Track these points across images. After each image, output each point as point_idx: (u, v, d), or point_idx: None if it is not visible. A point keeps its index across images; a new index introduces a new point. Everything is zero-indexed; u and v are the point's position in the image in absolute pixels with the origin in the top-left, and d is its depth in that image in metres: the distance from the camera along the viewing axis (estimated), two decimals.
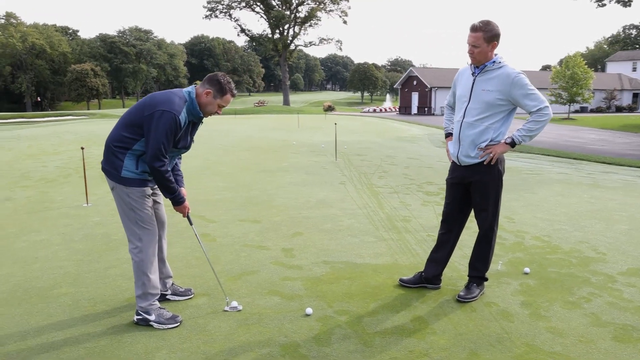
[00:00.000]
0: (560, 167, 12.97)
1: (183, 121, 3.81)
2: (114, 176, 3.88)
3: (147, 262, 3.99)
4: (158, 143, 3.71)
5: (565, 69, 43.82)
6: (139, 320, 3.99)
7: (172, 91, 3.90)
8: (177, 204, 4.11)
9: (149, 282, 3.99)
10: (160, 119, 3.69)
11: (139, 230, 3.97)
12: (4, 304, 4.39)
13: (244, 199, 8.67)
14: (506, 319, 4.02)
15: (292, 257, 5.59)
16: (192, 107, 3.88)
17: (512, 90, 4.03)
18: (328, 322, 3.99)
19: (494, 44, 4.01)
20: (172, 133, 3.75)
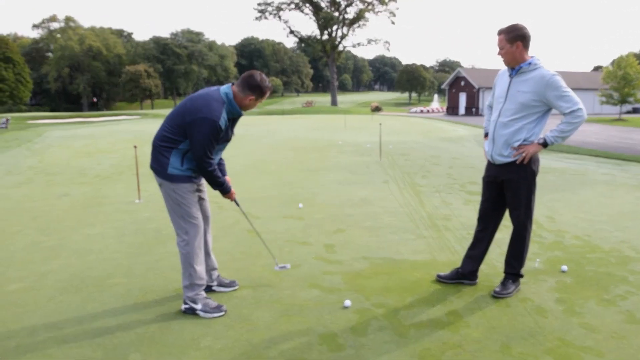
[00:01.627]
0: (606, 167, 12.76)
1: (223, 124, 4.02)
2: (161, 173, 4.17)
3: (193, 255, 4.20)
4: (203, 148, 3.96)
5: (617, 69, 42.62)
6: (186, 310, 4.21)
7: (209, 94, 4.05)
8: (225, 192, 4.51)
9: (195, 274, 4.19)
10: (202, 126, 3.91)
11: (185, 224, 4.20)
12: (63, 292, 4.71)
13: (288, 196, 8.90)
14: (540, 315, 4.10)
15: (333, 252, 5.76)
16: (231, 108, 4.07)
17: (546, 91, 4.11)
18: (365, 314, 4.16)
19: (518, 44, 4.11)
20: (215, 137, 3.99)
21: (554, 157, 15.52)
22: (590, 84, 61.58)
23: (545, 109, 4.26)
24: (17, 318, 4.15)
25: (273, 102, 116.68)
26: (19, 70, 71.70)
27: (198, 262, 4.24)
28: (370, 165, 12.73)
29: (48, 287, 4.83)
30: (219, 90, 4.08)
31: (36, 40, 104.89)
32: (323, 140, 19.66)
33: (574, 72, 67.88)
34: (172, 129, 4.09)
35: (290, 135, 22.48)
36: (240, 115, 4.22)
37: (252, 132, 24.94)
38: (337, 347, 3.63)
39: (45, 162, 14.21)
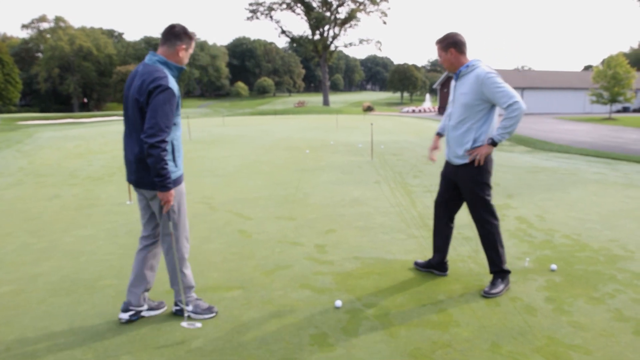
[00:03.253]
0: (597, 167, 12.83)
1: (176, 90, 3.75)
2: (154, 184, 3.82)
3: (182, 260, 4.10)
4: (160, 117, 3.61)
5: (607, 69, 42.86)
6: (177, 311, 4.19)
7: (145, 71, 3.73)
8: (165, 188, 3.72)
9: (185, 278, 4.13)
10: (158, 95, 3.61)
11: (179, 231, 4.07)
12: (53, 294, 4.70)
13: (280, 197, 8.91)
14: (529, 313, 4.14)
15: (325, 253, 5.78)
16: (170, 69, 3.82)
17: (482, 89, 4.27)
18: (356, 314, 4.18)
19: (452, 50, 4.41)
20: (172, 104, 3.69)
21: (545, 157, 15.60)
22: (581, 83, 61.91)
23: (488, 107, 4.40)
24: (7, 321, 4.14)
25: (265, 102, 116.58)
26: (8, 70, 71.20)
27: (186, 266, 4.14)
28: (362, 165, 12.76)
29: (39, 289, 4.82)
30: (145, 64, 3.81)
31: (26, 41, 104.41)
32: (316, 140, 19.67)
33: (564, 72, 68.23)
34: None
35: (284, 136, 22.48)
36: (181, 70, 3.91)
37: (244, 132, 24.92)
38: (328, 347, 3.65)
39: (35, 164, 14.15)
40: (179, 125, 3.91)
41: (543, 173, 11.39)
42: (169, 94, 3.65)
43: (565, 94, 62.61)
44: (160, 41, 3.92)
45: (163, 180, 3.67)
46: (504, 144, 21.25)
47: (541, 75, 65.88)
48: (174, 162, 3.88)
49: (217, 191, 9.57)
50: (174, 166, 3.88)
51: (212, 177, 11.24)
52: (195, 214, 7.68)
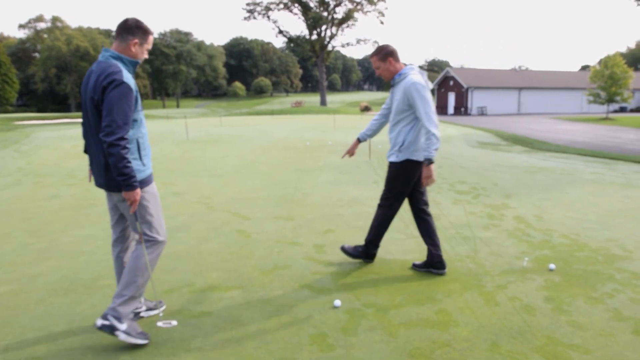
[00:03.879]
0: (594, 167, 12.87)
1: (133, 84, 3.58)
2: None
3: (147, 267, 3.81)
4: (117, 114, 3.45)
5: (604, 69, 42.99)
6: (104, 327, 3.62)
7: (98, 69, 3.56)
8: (130, 187, 3.55)
9: (140, 290, 3.80)
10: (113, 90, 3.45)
11: (151, 232, 3.85)
12: (52, 294, 4.70)
13: (278, 197, 8.91)
14: (528, 313, 4.14)
15: (324, 252, 5.78)
16: (125, 64, 3.64)
17: (408, 97, 4.65)
18: (355, 314, 4.18)
19: (390, 60, 4.77)
20: (130, 100, 3.52)
21: (543, 157, 15.64)
22: (578, 83, 62.10)
23: (415, 114, 4.76)
24: (6, 320, 4.14)
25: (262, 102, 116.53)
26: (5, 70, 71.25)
27: (152, 270, 3.87)
28: (361, 165, 12.76)
29: (38, 289, 4.81)
30: (99, 61, 3.64)
31: (22, 41, 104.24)
32: (314, 141, 19.66)
33: (561, 72, 68.37)
34: None
35: (282, 136, 22.48)
36: (135, 64, 3.72)
37: (242, 132, 24.90)
38: (327, 347, 3.65)
39: (34, 164, 14.13)
40: (142, 122, 3.76)
41: (541, 173, 11.41)
42: (124, 89, 3.48)
43: (563, 94, 62.76)
44: (115, 36, 3.74)
45: (127, 179, 3.50)
46: (502, 144, 21.29)
47: (538, 75, 66.04)
48: (140, 160, 3.73)
49: (215, 191, 9.56)
50: (141, 165, 3.73)
51: (210, 177, 11.23)
52: (194, 214, 7.68)
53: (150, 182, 3.84)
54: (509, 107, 60.95)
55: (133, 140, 3.67)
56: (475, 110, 59.22)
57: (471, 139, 22.85)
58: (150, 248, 3.85)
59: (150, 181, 3.86)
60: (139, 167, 3.70)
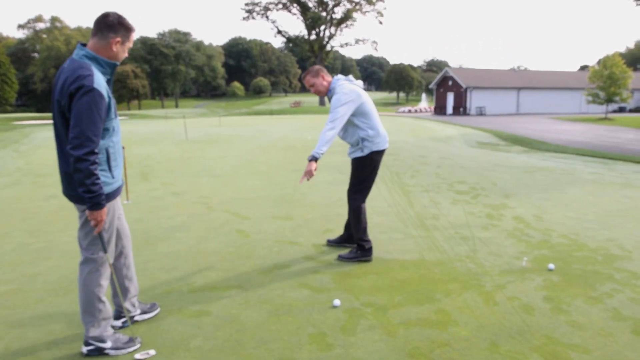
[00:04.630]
0: (593, 167, 12.88)
1: (104, 90, 3.24)
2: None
3: (104, 286, 3.59)
4: (85, 124, 3.12)
5: (603, 69, 43.00)
6: (90, 352, 3.54)
7: (68, 68, 3.23)
8: (97, 206, 3.27)
9: (105, 308, 3.59)
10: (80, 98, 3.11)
11: (102, 253, 3.54)
12: (52, 293, 4.70)
13: (278, 196, 8.91)
14: (527, 313, 4.14)
15: (323, 252, 5.78)
16: (99, 65, 3.31)
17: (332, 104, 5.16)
18: (354, 314, 4.18)
19: (321, 74, 5.22)
20: (99, 108, 3.17)
21: (542, 157, 15.66)
22: (577, 83, 62.10)
23: (350, 117, 5.26)
24: (5, 320, 4.14)
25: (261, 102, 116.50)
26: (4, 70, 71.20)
27: (104, 293, 3.61)
28: None
29: (37, 289, 4.82)
30: (72, 59, 3.29)
31: (22, 41, 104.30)
32: (313, 141, 19.65)
33: (560, 72, 68.40)
34: None
35: (280, 136, 22.48)
36: (114, 66, 3.39)
37: (241, 132, 24.91)
38: (326, 347, 3.65)
39: (32, 164, 14.12)
40: (115, 131, 3.46)
41: (540, 173, 11.42)
42: (94, 96, 3.12)
43: (561, 94, 62.79)
44: (92, 32, 3.34)
45: (94, 197, 3.20)
46: (501, 144, 21.30)
47: (537, 75, 66.07)
48: (109, 172, 3.44)
49: (214, 191, 9.56)
50: (109, 177, 3.44)
51: (209, 177, 11.23)
52: (193, 214, 7.68)
53: (115, 197, 3.56)
54: (508, 107, 60.98)
55: (102, 150, 3.36)
56: (474, 110, 59.24)
57: (470, 139, 22.87)
58: (94, 269, 3.52)
59: (117, 195, 3.58)
60: (107, 180, 3.41)
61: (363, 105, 5.21)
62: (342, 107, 5.06)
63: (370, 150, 5.29)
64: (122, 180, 3.68)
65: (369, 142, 5.26)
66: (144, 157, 15.21)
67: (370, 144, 5.28)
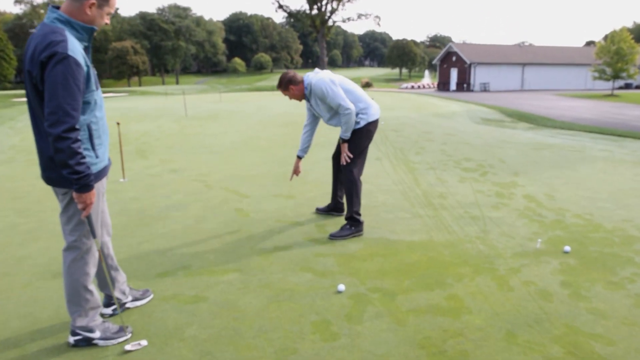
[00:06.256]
0: (603, 144, 12.55)
1: (81, 57, 2.86)
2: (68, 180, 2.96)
3: (91, 275, 3.30)
4: (61, 97, 2.75)
5: (610, 44, 42.30)
6: (78, 341, 3.29)
7: (39, 34, 2.84)
8: (85, 188, 2.93)
9: (92, 297, 3.32)
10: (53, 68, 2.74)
11: (86, 237, 3.21)
12: (40, 277, 4.44)
13: (278, 174, 8.63)
14: (545, 299, 3.88)
15: (325, 232, 5.51)
16: (74, 30, 2.91)
17: (322, 99, 5.19)
18: (360, 300, 3.92)
19: (291, 87, 5.23)
20: (75, 78, 2.79)
21: (549, 133, 15.35)
22: (582, 59, 61.40)
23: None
24: None
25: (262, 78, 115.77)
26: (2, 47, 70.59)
27: (91, 281, 3.33)
28: None
29: (24, 272, 4.56)
30: (43, 24, 2.90)
31: (19, 16, 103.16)
32: None
33: (565, 47, 67.56)
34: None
35: (281, 111, 22.12)
36: (91, 32, 2.99)
37: (242, 108, 24.55)
38: (331, 336, 3.39)
39: (27, 141, 13.80)
40: (97, 105, 3.09)
41: (548, 150, 11.09)
42: (70, 64, 2.74)
43: (567, 70, 62.10)
44: None
45: (81, 178, 2.86)
46: (506, 120, 20.96)
47: (542, 51, 65.26)
48: (93, 151, 3.08)
49: (213, 168, 9.28)
50: (93, 157, 3.08)
51: (208, 154, 10.94)
52: (191, 192, 7.41)
53: (101, 178, 3.22)
54: (512, 83, 60.32)
55: (83, 126, 2.99)
56: (478, 86, 58.62)
57: (475, 115, 22.49)
58: (79, 256, 3.22)
59: (102, 176, 3.23)
60: (90, 160, 3.06)
61: (342, 83, 5.27)
62: (334, 90, 5.11)
63: (367, 122, 5.33)
64: (108, 160, 3.34)
65: (363, 114, 5.31)
66: (142, 134, 14.90)
67: (365, 115, 5.32)
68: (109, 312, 3.74)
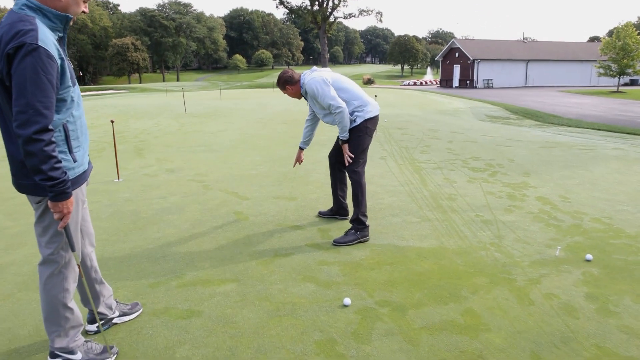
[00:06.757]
0: (614, 142, 12.19)
1: (53, 48, 2.49)
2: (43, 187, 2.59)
3: (70, 291, 2.98)
4: (30, 94, 2.40)
5: (615, 40, 41.84)
6: None
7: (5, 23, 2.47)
8: (61, 196, 2.60)
9: (73, 315, 2.99)
10: (21, 61, 2.39)
11: (64, 250, 2.88)
12: (22, 287, 4.13)
13: (279, 174, 8.30)
14: (570, 315, 3.54)
15: (329, 238, 5.19)
16: (45, 18, 2.55)
17: (314, 98, 5.07)
18: (368, 315, 3.59)
19: (287, 87, 5.18)
20: (46, 71, 2.43)
21: (557, 131, 15.00)
22: (586, 55, 61.01)
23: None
24: None
25: (263, 75, 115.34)
26: None
27: (71, 298, 3.00)
28: None
29: (6, 281, 4.24)
30: (11, 11, 2.54)
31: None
32: None
33: (569, 43, 67.05)
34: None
35: (282, 109, 21.79)
36: (66, 20, 2.63)
37: (242, 106, 24.22)
38: (337, 358, 3.07)
39: None
40: (75, 103, 2.76)
41: (558, 148, 10.74)
42: (40, 56, 2.40)
43: (571, 66, 61.65)
44: None
45: (57, 185, 2.53)
46: (512, 117, 20.61)
47: (545, 47, 64.81)
48: (69, 154, 2.75)
49: (211, 168, 8.95)
50: (70, 161, 2.75)
51: (207, 152, 10.61)
52: (188, 194, 7.08)
53: (80, 184, 2.87)
54: (516, 79, 59.87)
55: (58, 127, 2.66)
56: (481, 83, 58.20)
57: (479, 113, 22.13)
58: (57, 270, 2.90)
59: (82, 182, 2.89)
60: (67, 164, 2.72)
61: (336, 82, 5.11)
62: (324, 90, 4.97)
63: (363, 119, 5.09)
64: (88, 164, 3.02)
65: (359, 111, 5.10)
66: (140, 132, 14.58)
67: (361, 113, 5.10)
68: (93, 329, 3.41)
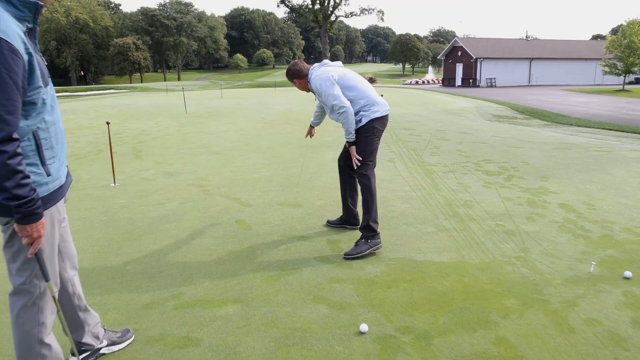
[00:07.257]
0: (630, 143, 11.73)
1: (18, 41, 2.10)
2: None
3: (47, 324, 2.58)
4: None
5: (621, 38, 41.32)
6: None
7: None
8: (30, 218, 2.20)
9: (50, 352, 2.59)
10: None
11: (39, 281, 2.48)
12: (4, 309, 3.72)
13: (283, 178, 7.88)
14: (618, 345, 3.12)
15: (340, 250, 4.78)
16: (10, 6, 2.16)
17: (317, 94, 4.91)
18: (388, 344, 3.17)
19: (294, 80, 5.04)
20: (10, 67, 2.04)
21: (567, 131, 14.56)
22: (591, 53, 60.49)
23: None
24: None
25: (264, 74, 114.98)
26: None
27: (50, 332, 2.60)
28: None
29: None
30: None
31: None
32: None
33: (573, 41, 66.50)
34: None
35: (284, 109, 21.38)
36: (35, 8, 2.23)
37: (243, 105, 23.81)
38: None
39: None
40: (47, 106, 2.34)
41: (573, 150, 10.30)
42: (1, 51, 2.01)
43: (575, 65, 61.11)
44: None
45: (23, 205, 2.13)
46: (518, 117, 20.17)
47: (549, 45, 64.25)
48: (42, 166, 2.34)
49: (212, 171, 8.54)
50: (42, 175, 2.35)
51: (207, 154, 10.20)
52: (187, 200, 6.67)
53: (56, 201, 2.46)
54: (520, 78, 59.32)
55: (27, 135, 2.24)
56: (484, 81, 57.67)
57: (485, 112, 21.67)
58: (30, 302, 2.49)
59: (58, 199, 2.47)
60: (39, 178, 2.32)
61: (342, 79, 4.85)
62: (328, 88, 4.75)
63: (369, 119, 4.82)
64: (66, 177, 2.60)
65: (365, 110, 4.83)
66: (138, 133, 14.17)
67: (367, 112, 4.82)
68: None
